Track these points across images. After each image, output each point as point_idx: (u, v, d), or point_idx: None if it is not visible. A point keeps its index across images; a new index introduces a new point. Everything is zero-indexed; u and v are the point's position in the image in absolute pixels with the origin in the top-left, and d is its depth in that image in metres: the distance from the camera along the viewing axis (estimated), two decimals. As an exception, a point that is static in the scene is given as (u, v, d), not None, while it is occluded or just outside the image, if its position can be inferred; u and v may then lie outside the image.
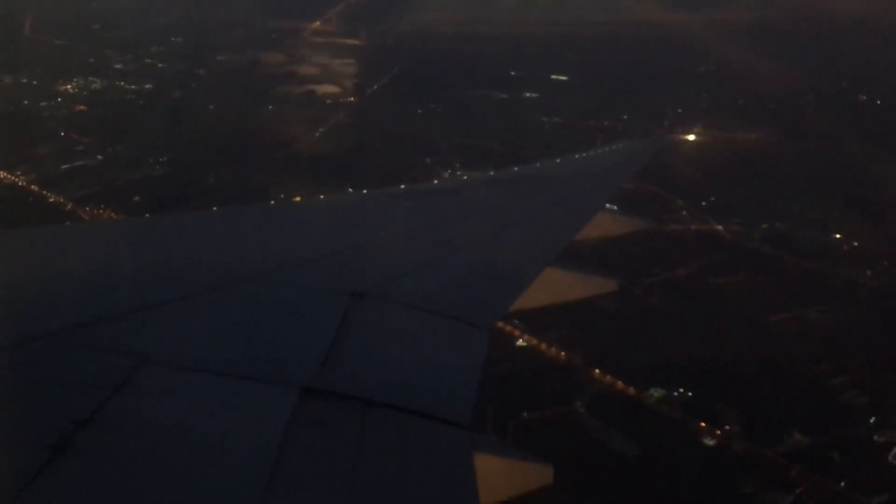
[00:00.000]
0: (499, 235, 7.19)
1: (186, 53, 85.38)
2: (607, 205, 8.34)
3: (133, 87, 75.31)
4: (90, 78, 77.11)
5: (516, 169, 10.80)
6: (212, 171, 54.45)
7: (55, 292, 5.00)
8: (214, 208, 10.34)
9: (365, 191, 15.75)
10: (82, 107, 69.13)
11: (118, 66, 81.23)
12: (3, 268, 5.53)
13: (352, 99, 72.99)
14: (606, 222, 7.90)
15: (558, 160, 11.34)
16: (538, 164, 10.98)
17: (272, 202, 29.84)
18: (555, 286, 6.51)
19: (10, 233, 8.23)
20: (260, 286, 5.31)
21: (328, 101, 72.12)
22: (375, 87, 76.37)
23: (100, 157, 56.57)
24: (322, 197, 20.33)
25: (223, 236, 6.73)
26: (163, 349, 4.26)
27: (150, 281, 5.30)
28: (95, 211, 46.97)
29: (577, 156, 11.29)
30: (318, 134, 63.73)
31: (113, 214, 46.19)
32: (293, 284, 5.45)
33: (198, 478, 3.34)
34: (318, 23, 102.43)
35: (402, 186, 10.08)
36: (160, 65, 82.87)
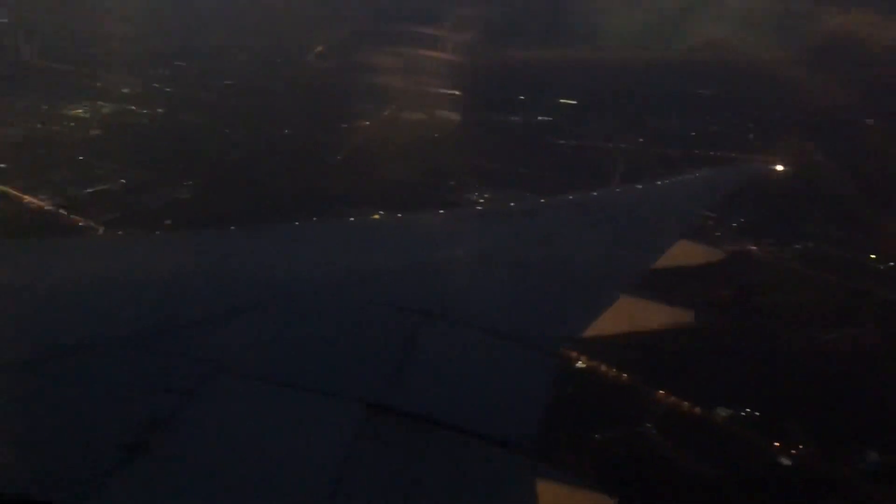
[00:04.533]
0: (574, 260, 7.13)
1: (192, 78, 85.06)
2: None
3: (144, 111, 74.67)
4: (98, 102, 76.33)
5: (595, 194, 10.66)
6: (241, 195, 53.86)
7: (130, 298, 5.09)
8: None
9: (441, 211, 15.72)
10: (97, 131, 68.30)
11: (125, 91, 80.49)
12: (84, 273, 5.60)
13: (367, 123, 73.00)
14: (686, 251, 7.77)
15: (639, 186, 11.29)
16: (618, 190, 10.96)
17: (344, 219, 29.57)
18: (629, 315, 6.38)
19: (92, 240, 8.30)
20: (332, 299, 5.38)
21: (343, 126, 72.09)
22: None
23: (122, 181, 55.74)
24: (398, 215, 20.18)
25: (296, 250, 6.77)
26: (237, 358, 4.37)
27: (226, 291, 5.40)
28: (128, 234, 46.14)
29: (658, 182, 11.25)
30: (339, 158, 63.52)
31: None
32: (364, 299, 5.50)
33: (261, 487, 3.41)
34: (321, 48, 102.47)
35: (477, 208, 10.07)
36: (167, 89, 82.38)
